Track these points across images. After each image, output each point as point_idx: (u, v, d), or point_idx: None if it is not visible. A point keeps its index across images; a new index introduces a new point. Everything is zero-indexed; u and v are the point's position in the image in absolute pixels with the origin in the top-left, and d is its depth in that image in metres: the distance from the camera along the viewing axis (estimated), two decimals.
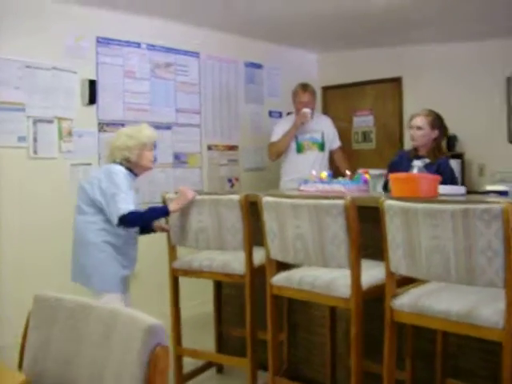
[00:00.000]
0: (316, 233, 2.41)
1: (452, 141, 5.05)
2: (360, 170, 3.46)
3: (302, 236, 2.46)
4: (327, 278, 2.50)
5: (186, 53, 5.08)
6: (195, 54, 5.15)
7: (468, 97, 5.17)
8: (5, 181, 3.96)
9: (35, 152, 4.15)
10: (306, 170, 4.92)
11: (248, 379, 2.95)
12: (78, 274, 3.15)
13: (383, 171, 4.38)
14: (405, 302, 2.25)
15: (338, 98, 6.05)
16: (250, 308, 2.91)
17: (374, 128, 5.84)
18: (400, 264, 2.22)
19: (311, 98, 4.94)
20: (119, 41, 4.63)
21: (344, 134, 5.59)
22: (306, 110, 4.86)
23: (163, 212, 3.08)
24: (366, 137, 5.89)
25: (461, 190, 2.95)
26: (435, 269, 2.08)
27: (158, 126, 4.85)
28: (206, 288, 3.72)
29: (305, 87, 4.95)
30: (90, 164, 4.45)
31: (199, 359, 3.37)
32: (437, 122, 3.62)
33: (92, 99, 4.43)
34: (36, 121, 4.15)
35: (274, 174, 5.44)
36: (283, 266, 2.72)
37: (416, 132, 3.60)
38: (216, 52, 5.31)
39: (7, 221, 3.97)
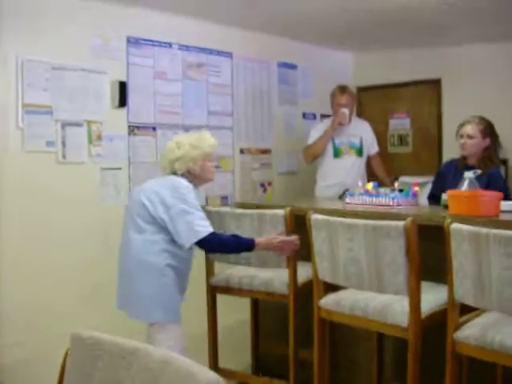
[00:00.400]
0: (372, 256, 2.22)
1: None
2: (412, 182, 3.25)
3: (355, 259, 2.27)
4: (382, 302, 2.31)
5: (218, 53, 4.90)
6: (228, 54, 4.97)
7: (510, 100, 4.92)
8: (33, 187, 3.82)
9: (64, 157, 4.00)
10: (343, 175, 4.76)
11: None
12: (130, 303, 2.74)
13: (425, 179, 4.18)
14: (470, 334, 2.05)
15: (373, 100, 5.82)
16: (293, 332, 2.73)
17: (411, 131, 5.61)
18: (467, 294, 2.02)
19: (349, 100, 4.75)
20: (150, 41, 4.46)
21: (380, 136, 5.37)
22: (345, 111, 4.68)
23: (248, 246, 2.69)
24: (402, 140, 5.67)
25: None
26: (508, 302, 1.88)
27: (189, 129, 4.71)
28: (242, 300, 3.55)
29: (343, 89, 4.75)
30: (120, 168, 4.30)
31: (237, 380, 3.19)
32: (488, 130, 3.41)
33: (122, 101, 4.27)
34: (64, 124, 3.99)
35: (308, 178, 5.24)
36: (331, 286, 2.54)
37: (467, 141, 3.38)
38: (249, 52, 5.12)
39: (38, 227, 3.83)
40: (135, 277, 2.68)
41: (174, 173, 2.80)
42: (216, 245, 2.69)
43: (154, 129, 4.51)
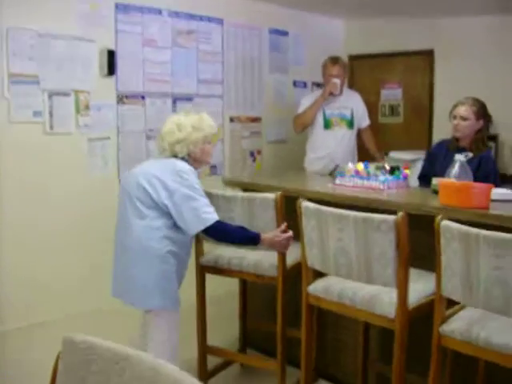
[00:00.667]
0: (361, 248, 2.23)
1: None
2: (402, 165, 3.24)
3: (344, 250, 2.28)
4: (370, 293, 2.33)
5: (209, 20, 4.79)
6: (219, 21, 4.86)
7: (504, 74, 4.88)
8: (21, 157, 3.77)
9: (51, 127, 3.94)
10: (333, 147, 4.75)
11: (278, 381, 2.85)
12: (127, 291, 2.66)
13: (415, 155, 4.18)
14: (456, 328, 2.09)
15: (365, 69, 5.76)
16: (281, 313, 2.77)
17: (402, 102, 5.57)
18: (455, 291, 2.05)
19: (341, 71, 4.69)
20: (139, 7, 4.35)
21: (371, 107, 5.33)
22: (336, 81, 4.64)
23: (253, 240, 2.65)
24: (393, 110, 5.64)
25: (511, 194, 2.74)
26: (496, 302, 1.91)
27: (178, 98, 4.65)
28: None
29: (335, 60, 4.69)
30: (108, 138, 4.25)
31: (225, 358, 3.24)
32: (482, 111, 3.38)
33: (111, 70, 4.19)
34: (52, 94, 3.92)
35: (298, 147, 5.22)
36: (319, 272, 2.56)
37: (460, 122, 3.35)
38: (240, 19, 5.02)
39: (23, 198, 3.79)
40: (136, 263, 2.60)
41: (174, 156, 2.71)
42: (222, 233, 2.64)
43: (142, 97, 4.45)
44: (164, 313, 2.66)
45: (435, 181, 2.89)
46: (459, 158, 3.11)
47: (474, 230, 1.92)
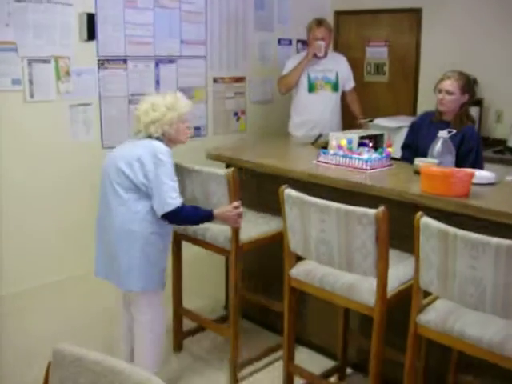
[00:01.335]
0: (343, 239, 2.27)
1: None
2: (385, 144, 3.24)
3: (326, 240, 2.32)
4: (350, 280, 2.39)
5: None
6: None
7: (492, 36, 4.81)
8: (0, 127, 3.72)
9: (32, 95, 3.87)
10: (318, 111, 4.72)
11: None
12: (111, 272, 2.70)
13: (400, 122, 4.17)
14: (431, 319, 2.16)
15: (350, 25, 5.66)
16: (234, 287, 2.90)
17: (388, 60, 5.51)
18: (431, 284, 2.11)
19: (326, 34, 4.62)
20: None
21: (355, 64, 5.27)
22: (321, 43, 4.57)
23: (207, 218, 2.73)
24: (378, 69, 5.57)
25: (491, 177, 2.77)
26: (470, 298, 1.98)
27: (161, 60, 4.57)
28: None
29: (320, 22, 4.61)
30: (90, 104, 4.19)
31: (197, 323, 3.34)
32: (467, 86, 3.35)
33: (91, 34, 4.09)
34: (31, 61, 3.84)
35: (282, 107, 5.19)
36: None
37: (445, 97, 3.33)
38: None
39: (6, 170, 3.77)
40: (119, 247, 2.63)
41: (150, 136, 2.70)
42: (183, 218, 2.69)
43: (124, 61, 4.36)
44: (147, 294, 2.72)
45: (417, 161, 2.91)
46: (442, 134, 3.12)
47: (452, 230, 1.96)
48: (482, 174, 2.75)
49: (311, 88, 4.72)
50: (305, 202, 2.37)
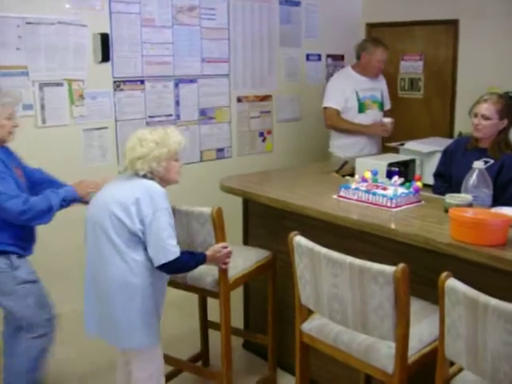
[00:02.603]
0: (357, 298, 2.00)
1: None
2: (414, 177, 2.95)
3: (339, 297, 2.06)
4: (367, 340, 2.12)
5: None
6: None
7: None
8: None
9: (43, 121, 3.73)
10: None
11: None
12: (108, 331, 2.46)
13: (434, 146, 3.85)
14: None
15: (383, 39, 5.32)
16: (225, 328, 2.70)
17: (423, 75, 5.19)
18: (459, 356, 1.82)
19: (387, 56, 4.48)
20: None
21: (389, 79, 4.96)
22: (388, 124, 4.34)
23: (203, 261, 2.52)
24: (413, 84, 5.26)
25: None
26: (505, 378, 1.68)
27: (181, 80, 4.38)
28: None
29: (382, 42, 4.43)
30: (106, 128, 4.03)
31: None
32: (507, 109, 3.02)
33: (105, 55, 3.92)
34: (42, 85, 3.69)
35: (312, 124, 4.94)
36: None
37: (482, 122, 3.01)
38: None
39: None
40: (116, 302, 2.39)
41: (137, 173, 2.42)
42: (178, 268, 2.47)
43: (141, 82, 4.18)
44: (149, 348, 2.49)
45: (449, 198, 2.61)
46: (478, 165, 2.82)
47: (483, 298, 1.67)
48: None
49: (361, 108, 4.44)
50: (315, 253, 2.11)
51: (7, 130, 2.69)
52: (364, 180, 2.92)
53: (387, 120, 4.36)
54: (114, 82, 4.04)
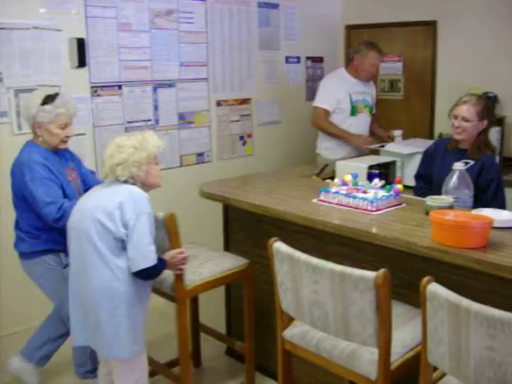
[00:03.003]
0: (338, 304, 1.97)
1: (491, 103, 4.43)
2: (395, 180, 2.93)
3: (320, 303, 2.03)
4: (350, 346, 2.09)
5: None
6: None
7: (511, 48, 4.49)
8: None
9: (19, 127, 3.65)
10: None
11: None
12: (95, 339, 2.43)
13: (414, 148, 3.84)
14: None
15: (363, 40, 5.35)
16: (182, 336, 2.55)
17: (403, 76, 5.19)
18: (442, 361, 1.80)
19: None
20: None
21: None
22: (398, 134, 4.25)
23: (165, 267, 2.50)
24: (393, 86, 5.26)
25: None
26: (488, 383, 1.66)
27: (159, 85, 4.33)
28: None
29: (377, 46, 4.35)
30: (84, 134, 3.96)
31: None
32: (486, 111, 3.02)
33: (82, 61, 3.86)
34: (18, 91, 3.62)
35: (292, 126, 4.90)
36: None
37: (462, 124, 3.01)
38: None
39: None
40: (101, 312, 2.35)
41: (117, 179, 2.41)
42: (153, 274, 2.43)
43: (119, 87, 4.13)
44: (133, 358, 2.44)
45: (429, 201, 2.59)
46: (458, 166, 2.82)
47: (465, 303, 1.65)
48: (504, 217, 2.42)
49: (354, 111, 4.39)
50: (295, 259, 2.08)
51: (60, 139, 2.87)
52: (344, 183, 2.91)
53: (398, 133, 4.25)
54: (91, 87, 3.98)
